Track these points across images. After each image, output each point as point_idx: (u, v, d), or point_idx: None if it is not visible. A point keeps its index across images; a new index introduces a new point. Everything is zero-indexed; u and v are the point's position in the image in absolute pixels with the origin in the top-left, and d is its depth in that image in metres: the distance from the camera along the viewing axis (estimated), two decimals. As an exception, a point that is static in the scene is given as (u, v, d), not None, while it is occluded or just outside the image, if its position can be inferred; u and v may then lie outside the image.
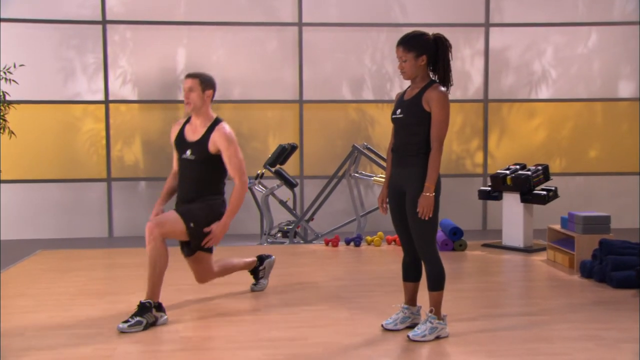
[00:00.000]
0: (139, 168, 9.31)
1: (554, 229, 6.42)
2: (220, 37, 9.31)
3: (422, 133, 3.97)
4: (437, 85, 3.99)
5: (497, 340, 4.08)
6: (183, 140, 4.69)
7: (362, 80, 9.48)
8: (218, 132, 4.59)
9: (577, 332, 4.23)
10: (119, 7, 9.14)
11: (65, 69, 9.13)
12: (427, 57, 3.98)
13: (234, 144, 4.62)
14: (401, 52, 4.00)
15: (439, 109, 3.92)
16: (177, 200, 4.76)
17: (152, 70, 9.24)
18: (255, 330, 4.38)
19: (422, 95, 3.97)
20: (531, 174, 6.83)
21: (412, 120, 4.00)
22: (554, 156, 9.60)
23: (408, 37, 4.02)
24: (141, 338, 4.20)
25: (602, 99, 9.65)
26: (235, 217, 9.17)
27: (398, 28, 9.42)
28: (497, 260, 6.57)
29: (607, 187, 9.64)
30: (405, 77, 4.06)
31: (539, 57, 9.63)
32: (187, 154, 4.64)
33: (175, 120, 7.13)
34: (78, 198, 9.20)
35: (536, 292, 5.40)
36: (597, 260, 5.58)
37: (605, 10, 9.58)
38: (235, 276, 5.91)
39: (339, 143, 9.17)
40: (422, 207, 3.92)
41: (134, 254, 7.11)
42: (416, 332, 4.07)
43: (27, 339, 4.20)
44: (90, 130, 9.22)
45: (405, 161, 4.05)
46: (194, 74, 4.67)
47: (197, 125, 4.67)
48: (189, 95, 4.61)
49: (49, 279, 5.87)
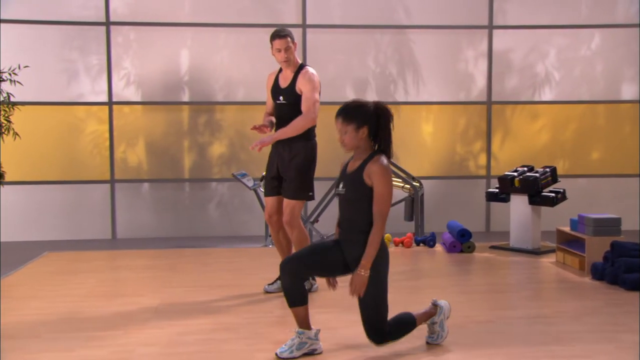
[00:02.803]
0: (143, 170, 9.28)
1: (563, 231, 6.43)
2: (224, 38, 9.29)
3: (365, 209, 3.74)
4: (379, 157, 3.76)
5: (515, 343, 4.08)
6: (277, 88, 5.23)
7: (366, 82, 9.47)
8: (302, 74, 5.13)
9: (595, 334, 4.23)
10: (122, 8, 9.11)
11: (68, 71, 9.08)
12: (368, 128, 3.77)
13: (312, 83, 5.09)
14: (341, 124, 3.78)
15: (380, 184, 3.69)
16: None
17: (156, 72, 9.20)
18: (272, 332, 4.37)
19: (363, 169, 3.75)
20: (539, 176, 6.84)
21: (354, 196, 3.78)
22: (557, 158, 9.61)
23: (348, 108, 3.81)
24: (158, 340, 4.18)
25: (604, 101, 9.67)
26: (240, 219, 9.29)
27: (402, 30, 9.43)
28: (506, 262, 6.57)
29: (610, 189, 9.66)
30: (346, 149, 3.83)
31: (542, 60, 9.64)
32: (280, 99, 5.20)
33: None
34: (81, 200, 9.15)
35: (548, 294, 5.40)
36: (608, 262, 5.58)
37: (608, 13, 9.60)
38: (245, 278, 5.91)
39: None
40: (353, 286, 3.72)
41: (140, 256, 7.09)
42: (433, 338, 4.05)
43: (44, 341, 4.18)
44: (94, 131, 9.18)
45: (349, 238, 3.83)
46: (283, 33, 5.09)
47: (287, 74, 5.21)
48: (286, 54, 5.10)
49: (59, 281, 5.84)
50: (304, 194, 5.17)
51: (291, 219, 5.16)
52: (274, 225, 5.33)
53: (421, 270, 6.31)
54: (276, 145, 5.24)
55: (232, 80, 9.31)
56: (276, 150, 5.25)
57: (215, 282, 5.75)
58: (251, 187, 8.08)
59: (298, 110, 5.11)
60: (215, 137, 9.34)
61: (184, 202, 9.34)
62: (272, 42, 5.14)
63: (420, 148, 9.55)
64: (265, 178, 5.39)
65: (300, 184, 5.14)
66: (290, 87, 5.15)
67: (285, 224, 5.19)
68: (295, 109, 5.11)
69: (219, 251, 7.36)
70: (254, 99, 9.20)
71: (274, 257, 6.84)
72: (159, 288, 5.52)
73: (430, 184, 9.22)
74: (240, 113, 9.33)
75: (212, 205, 9.38)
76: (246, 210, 9.32)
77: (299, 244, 5.18)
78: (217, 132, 9.34)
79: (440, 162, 9.55)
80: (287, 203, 5.18)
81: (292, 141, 5.12)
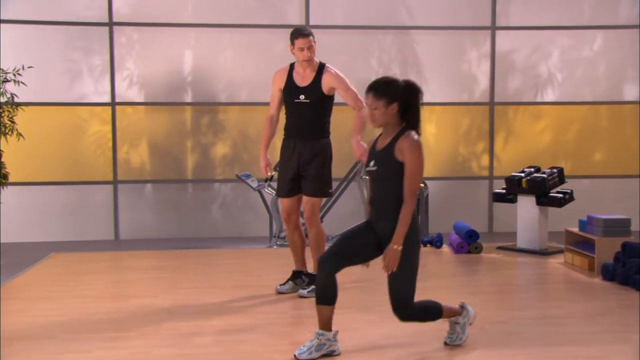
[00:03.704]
0: (146, 170, 9.25)
1: (572, 232, 6.44)
2: (228, 39, 9.27)
3: (398, 185, 3.77)
4: (410, 132, 3.79)
5: (532, 344, 4.08)
6: (295, 86, 5.20)
7: (369, 83, 9.46)
8: (328, 74, 5.14)
9: (610, 335, 4.25)
10: (125, 8, 9.08)
11: (71, 71, 9.04)
12: (399, 105, 3.77)
13: (345, 80, 5.17)
14: (371, 100, 3.78)
15: (412, 159, 3.74)
16: (291, 135, 5.27)
17: (159, 72, 9.17)
18: (288, 333, 4.37)
19: (394, 145, 3.77)
20: (547, 177, 6.85)
21: (386, 173, 3.81)
22: (559, 159, 9.63)
23: (378, 83, 3.82)
24: (175, 341, 4.17)
25: (607, 102, 9.70)
26: (244, 220, 9.27)
27: (405, 31, 9.43)
28: (515, 263, 6.59)
29: (612, 190, 9.68)
30: (375, 125, 3.85)
31: (545, 60, 9.66)
32: (300, 98, 5.16)
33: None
34: (84, 200, 9.11)
35: (560, 294, 5.41)
36: (619, 263, 5.59)
37: (610, 14, 9.63)
38: (255, 279, 5.90)
39: (346, 145, 9.10)
40: (387, 260, 3.73)
41: (146, 257, 7.07)
42: (452, 339, 4.05)
43: (61, 342, 4.16)
44: (97, 132, 9.14)
45: (382, 216, 3.85)
46: (308, 32, 5.13)
47: (306, 73, 5.18)
48: (310, 53, 5.10)
49: (68, 282, 5.81)
50: (324, 191, 5.25)
51: (312, 215, 5.23)
52: (291, 224, 5.33)
53: (430, 271, 6.31)
54: (295, 146, 5.21)
55: (235, 81, 9.30)
56: (295, 150, 5.21)
57: (225, 283, 5.73)
58: (255, 188, 8.07)
59: (320, 109, 5.16)
60: (218, 138, 9.32)
61: (187, 203, 9.32)
62: (294, 41, 5.10)
63: (424, 148, 9.52)
64: (281, 180, 5.35)
65: (321, 182, 5.20)
66: (313, 86, 5.13)
67: (306, 220, 5.25)
68: (317, 107, 5.13)
69: (226, 252, 7.35)
70: (257, 100, 9.18)
71: (281, 257, 6.85)
72: (169, 289, 5.51)
73: (433, 184, 9.22)
74: (244, 114, 9.31)
75: (215, 206, 9.36)
76: (250, 211, 9.30)
77: (316, 242, 5.24)
78: (220, 133, 9.32)
79: (443, 162, 9.56)
80: (308, 200, 5.22)
81: (312, 140, 5.16)
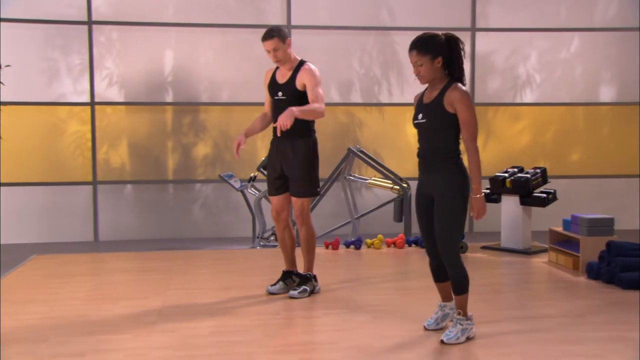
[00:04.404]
0: (126, 171, 9.16)
1: (556, 231, 6.52)
2: (209, 38, 9.22)
3: (448, 136, 3.92)
4: (457, 84, 3.93)
5: (528, 343, 4.11)
6: (275, 83, 5.21)
7: (351, 83, 9.50)
8: (303, 70, 5.11)
9: (603, 333, 4.29)
10: (105, 7, 8.98)
11: (49, 70, 8.92)
12: (443, 58, 3.92)
13: (315, 78, 5.10)
14: (416, 57, 3.91)
15: (464, 109, 3.87)
16: (274, 135, 5.23)
17: (139, 72, 9.09)
18: (283, 334, 4.36)
19: (443, 97, 3.90)
20: (530, 177, 6.92)
21: (436, 125, 3.94)
22: (538, 159, 9.75)
23: (421, 40, 3.93)
24: (170, 343, 4.13)
25: (583, 103, 9.84)
26: (225, 220, 9.22)
27: (386, 32, 9.47)
28: (501, 263, 6.64)
29: (589, 190, 9.83)
30: (423, 81, 3.97)
31: (523, 62, 9.78)
32: (279, 94, 5.16)
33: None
34: (63, 201, 8.99)
35: (548, 293, 5.46)
36: (604, 261, 5.68)
37: (586, 17, 9.77)
38: (244, 280, 5.88)
39: (327, 146, 9.16)
40: (475, 210, 3.91)
41: (131, 258, 7.00)
42: (449, 336, 4.08)
43: (53, 345, 4.10)
44: (76, 132, 9.03)
45: (432, 167, 4.01)
46: (271, 35, 5.05)
47: (285, 70, 5.18)
48: (276, 54, 5.07)
49: (54, 284, 5.73)
50: (311, 191, 5.22)
51: (301, 214, 5.22)
52: (281, 222, 5.32)
53: (417, 271, 6.34)
54: (278, 144, 5.21)
55: (216, 81, 9.26)
56: (278, 148, 5.21)
57: (215, 284, 5.69)
58: (238, 189, 8.04)
59: (297, 105, 5.04)
60: (199, 138, 9.27)
61: (167, 204, 9.25)
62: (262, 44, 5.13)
63: (404, 149, 9.59)
64: (269, 178, 5.36)
65: (307, 182, 5.17)
66: (289, 82, 5.12)
67: (296, 219, 5.25)
68: (294, 104, 5.04)
69: (212, 253, 7.30)
70: (239, 100, 9.16)
71: (268, 258, 6.85)
72: (159, 290, 5.45)
73: (414, 184, 9.24)
74: (225, 114, 9.27)
75: (197, 207, 9.31)
76: (231, 211, 9.26)
77: (307, 241, 5.27)
78: (201, 133, 9.27)
79: (424, 163, 9.59)
80: (296, 201, 5.20)
81: (295, 138, 5.11)
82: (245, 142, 5.25)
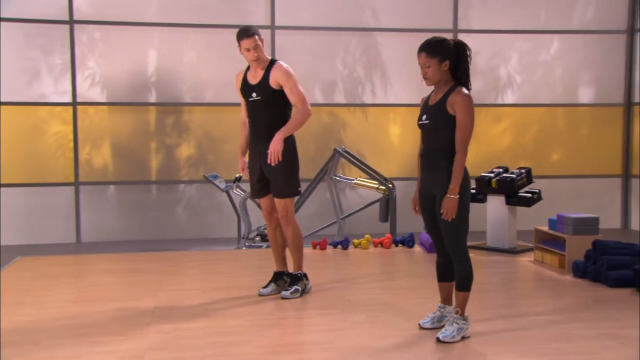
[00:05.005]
0: (108, 172, 9.09)
1: (542, 230, 6.59)
2: (192, 39, 9.18)
3: (449, 137, 4.04)
4: (461, 88, 4.05)
5: (523, 341, 4.16)
6: (248, 85, 5.10)
7: (334, 84, 9.52)
8: (276, 69, 5.01)
9: (593, 330, 4.36)
10: (86, 6, 8.90)
11: (30, 70, 8.83)
12: (450, 62, 4.05)
13: (292, 77, 5.01)
14: (424, 59, 4.05)
15: (463, 113, 3.99)
16: (252, 138, 5.19)
17: (122, 72, 9.03)
18: (279, 335, 4.36)
19: (446, 100, 4.03)
20: (516, 177, 7.00)
21: (438, 126, 4.07)
22: (519, 159, 9.85)
23: (430, 43, 4.07)
24: (165, 344, 4.11)
25: (563, 105, 9.96)
26: (209, 221, 9.19)
27: (369, 32, 9.51)
28: (487, 262, 6.71)
29: (568, 189, 9.95)
30: (429, 82, 4.11)
31: (504, 63, 9.88)
32: (253, 96, 5.05)
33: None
34: (44, 203, 8.90)
35: (537, 292, 5.52)
36: (590, 260, 5.76)
37: (565, 19, 9.90)
38: (235, 280, 5.87)
39: (311, 147, 9.19)
40: (445, 209, 3.99)
41: (118, 259, 6.95)
42: (445, 334, 4.12)
43: (46, 348, 4.05)
44: (57, 132, 8.94)
45: (433, 166, 4.13)
46: (250, 32, 4.96)
47: (257, 70, 5.08)
48: (255, 53, 4.96)
49: (42, 286, 5.67)
50: (293, 191, 5.15)
51: (285, 215, 5.17)
52: (272, 222, 5.32)
53: (406, 271, 6.38)
54: (256, 146, 5.16)
55: (200, 81, 9.23)
56: (256, 151, 5.16)
57: (205, 284, 5.68)
58: (223, 189, 8.02)
59: (274, 106, 5.03)
60: (183, 139, 9.23)
61: (151, 205, 9.20)
62: (239, 42, 5.01)
63: (388, 149, 9.65)
64: (251, 181, 5.31)
65: (287, 182, 5.10)
66: (263, 82, 5.03)
67: (281, 220, 5.21)
68: (271, 105, 5.01)
69: (200, 254, 7.28)
70: (223, 100, 9.13)
71: (256, 258, 6.85)
72: (150, 292, 5.42)
73: (400, 184, 9.29)
74: (209, 114, 9.24)
75: (180, 208, 9.27)
76: (215, 212, 9.24)
77: (294, 240, 5.23)
78: (184, 134, 9.24)
79: (407, 163, 9.66)
80: (279, 202, 5.15)
81: (270, 140, 5.01)
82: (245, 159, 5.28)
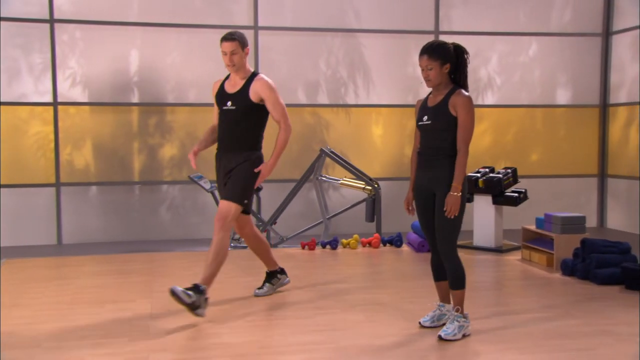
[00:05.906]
0: (90, 172, 9.00)
1: (529, 229, 6.70)
2: (175, 39, 9.12)
3: (449, 137, 4.15)
4: (461, 90, 4.20)
5: (522, 338, 4.23)
6: (224, 93, 4.96)
7: (317, 85, 9.54)
8: (259, 82, 4.89)
9: (589, 327, 4.45)
10: (67, 5, 8.79)
11: (9, 69, 8.69)
12: (450, 65, 4.19)
13: (274, 91, 4.91)
14: (427, 61, 4.18)
15: (465, 114, 4.13)
16: (219, 148, 5.04)
17: (104, 72, 8.93)
18: (282, 335, 4.38)
19: (447, 101, 4.15)
20: (502, 177, 7.09)
21: (439, 126, 4.18)
22: (499, 160, 9.97)
23: (432, 46, 4.22)
24: (169, 346, 4.10)
25: (541, 105, 10.11)
26: (192, 222, 9.14)
27: (352, 33, 9.55)
28: (475, 260, 6.79)
29: (546, 189, 10.10)
30: (430, 84, 4.23)
31: (485, 65, 10.00)
32: (228, 104, 4.90)
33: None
34: (25, 204, 8.77)
35: (528, 290, 5.61)
36: (579, 258, 5.87)
37: (544, 22, 10.05)
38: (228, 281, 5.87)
39: (294, 147, 9.19)
40: (449, 206, 4.08)
41: (108, 261, 6.88)
42: (447, 332, 4.18)
43: (48, 351, 4.02)
44: (38, 133, 8.82)
45: (432, 164, 4.22)
46: (232, 37, 4.84)
47: (236, 80, 4.94)
48: (232, 58, 4.83)
49: (35, 288, 5.60)
50: (240, 197, 4.85)
51: (221, 218, 4.78)
52: (244, 236, 5.23)
53: (395, 270, 6.43)
54: (220, 158, 5.01)
55: (183, 82, 9.18)
56: (221, 165, 5.01)
57: (198, 286, 5.66)
58: (208, 190, 7.99)
59: (248, 119, 4.88)
60: (166, 139, 9.17)
61: (134, 206, 9.13)
62: (220, 44, 4.89)
63: (371, 150, 9.70)
64: (218, 186, 5.14)
65: (241, 189, 4.86)
66: (241, 93, 4.88)
67: (216, 222, 4.78)
68: (245, 117, 4.87)
69: (189, 255, 7.24)
70: (206, 101, 9.07)
71: (244, 259, 6.84)
72: (144, 293, 5.40)
73: (384, 185, 9.34)
74: (192, 115, 9.20)
75: (163, 208, 9.21)
76: (198, 212, 9.20)
77: (218, 250, 4.74)
78: (167, 134, 9.18)
79: (390, 163, 9.73)
80: (223, 203, 4.85)
81: (238, 153, 4.90)
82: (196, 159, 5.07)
